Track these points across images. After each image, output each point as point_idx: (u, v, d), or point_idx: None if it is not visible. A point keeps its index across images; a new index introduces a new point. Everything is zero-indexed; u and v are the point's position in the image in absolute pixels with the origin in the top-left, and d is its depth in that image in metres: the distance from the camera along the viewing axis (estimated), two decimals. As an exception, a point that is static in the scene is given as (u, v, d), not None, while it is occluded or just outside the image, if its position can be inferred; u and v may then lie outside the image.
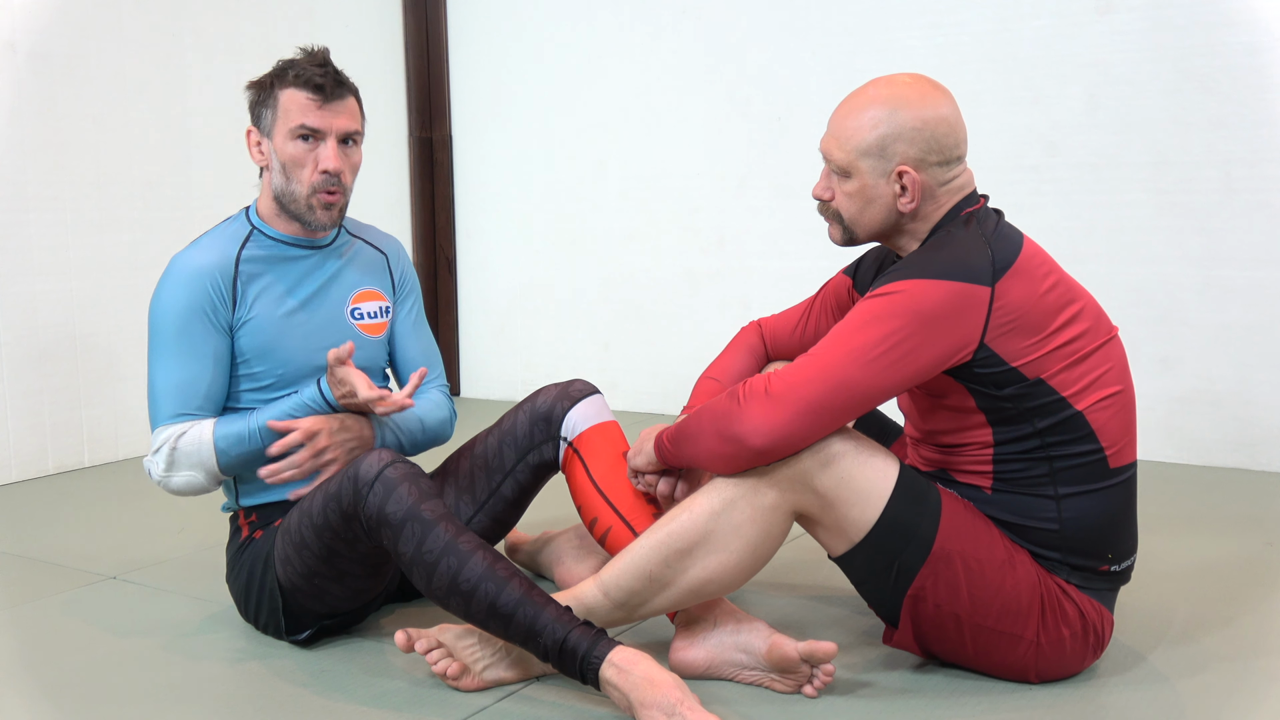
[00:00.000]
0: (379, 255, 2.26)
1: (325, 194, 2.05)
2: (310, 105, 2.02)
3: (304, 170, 2.04)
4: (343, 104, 2.05)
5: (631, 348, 4.35)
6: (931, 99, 1.79)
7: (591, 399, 2.15)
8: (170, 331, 2.02)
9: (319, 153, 2.04)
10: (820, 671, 1.81)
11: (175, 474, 2.02)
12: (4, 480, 3.36)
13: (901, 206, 1.81)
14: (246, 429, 2.01)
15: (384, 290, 2.24)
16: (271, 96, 2.04)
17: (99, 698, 1.88)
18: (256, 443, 2.01)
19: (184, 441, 2.00)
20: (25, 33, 3.34)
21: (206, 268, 2.04)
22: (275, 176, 2.06)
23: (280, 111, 2.03)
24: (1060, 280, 1.79)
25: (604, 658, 1.70)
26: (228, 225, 2.12)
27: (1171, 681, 1.86)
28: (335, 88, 2.03)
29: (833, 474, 1.74)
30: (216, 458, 2.01)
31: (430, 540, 1.77)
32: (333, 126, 2.04)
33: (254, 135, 2.09)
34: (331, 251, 2.17)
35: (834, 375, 1.69)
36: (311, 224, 2.08)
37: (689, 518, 1.78)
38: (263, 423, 2.01)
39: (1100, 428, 1.77)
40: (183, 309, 2.02)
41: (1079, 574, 1.81)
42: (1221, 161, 3.23)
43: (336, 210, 2.08)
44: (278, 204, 2.09)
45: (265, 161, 2.08)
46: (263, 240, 2.10)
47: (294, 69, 2.03)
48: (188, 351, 2.02)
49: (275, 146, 2.04)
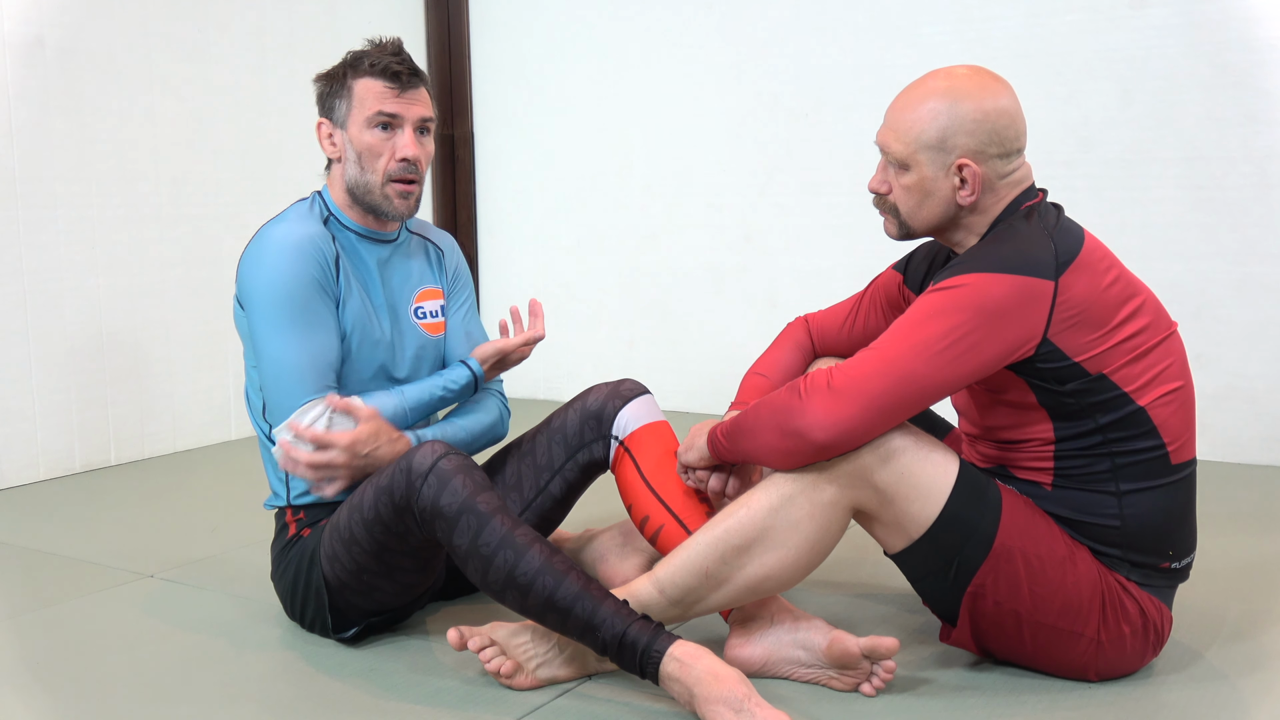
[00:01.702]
0: (435, 249, 2.25)
1: (402, 183, 2.03)
2: (388, 93, 2.01)
3: (380, 159, 2.02)
4: (418, 93, 2.04)
5: (656, 346, 4.33)
6: (991, 90, 1.78)
7: (643, 398, 2.14)
8: (292, 304, 1.95)
9: (395, 141, 2.02)
10: (880, 668, 1.79)
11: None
12: (32, 479, 3.34)
13: (961, 200, 1.79)
14: (399, 406, 2.04)
15: (440, 285, 2.23)
16: (345, 87, 2.03)
17: (146, 696, 1.86)
18: (404, 420, 2.04)
19: (338, 419, 1.94)
20: (54, 28, 3.32)
21: (311, 238, 2.00)
22: (349, 167, 2.05)
23: (356, 101, 2.02)
24: (1121, 275, 1.77)
25: (665, 651, 1.68)
26: (306, 205, 2.10)
27: (1231, 679, 1.85)
28: (411, 76, 2.03)
29: (893, 469, 1.72)
30: None
31: (486, 533, 1.76)
32: (409, 114, 2.03)
33: (325, 127, 2.07)
34: (398, 247, 2.16)
35: (897, 369, 1.67)
36: (388, 214, 2.06)
37: (747, 514, 1.76)
38: (411, 400, 2.06)
39: (1162, 423, 1.75)
40: (301, 279, 1.96)
41: (1139, 571, 1.79)
42: (1257, 157, 3.21)
43: (413, 200, 2.06)
44: (350, 195, 2.07)
45: (338, 153, 2.06)
46: (339, 227, 2.09)
47: (369, 58, 2.02)
48: (315, 323, 1.97)
49: (350, 136, 2.03)
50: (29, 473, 3.34)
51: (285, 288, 1.96)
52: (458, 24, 4.57)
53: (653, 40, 4.19)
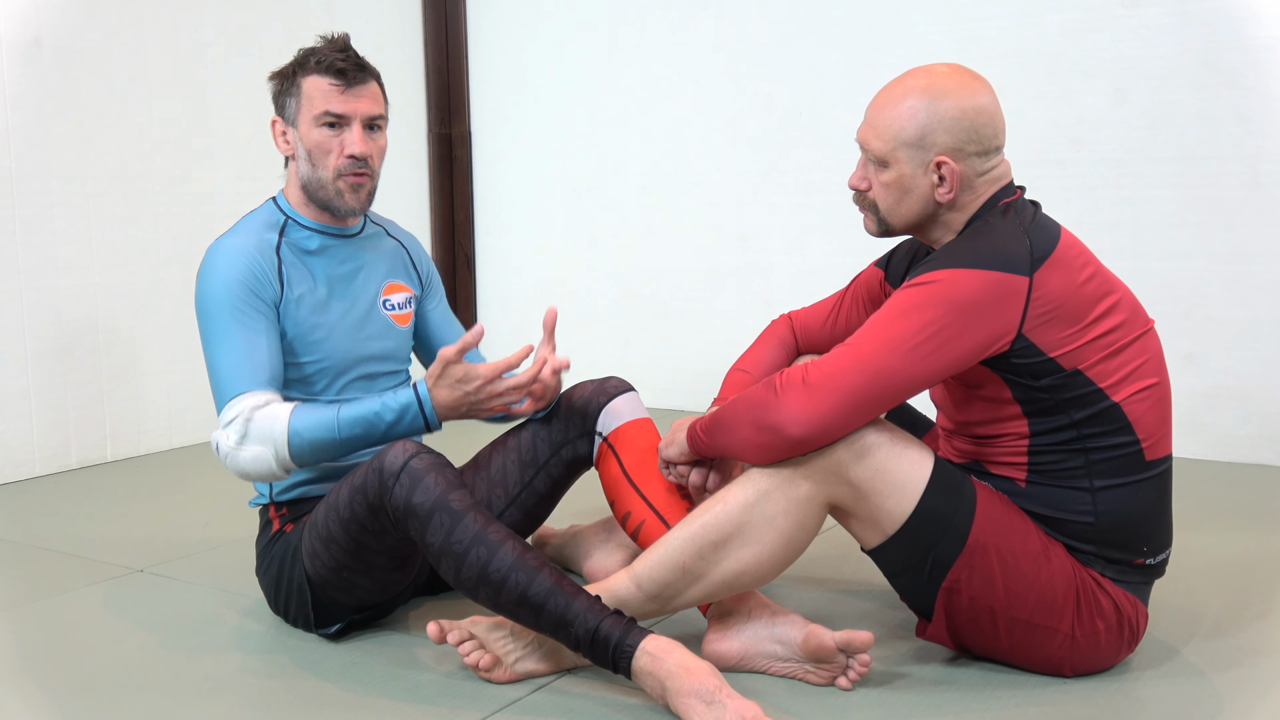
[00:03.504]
0: (401, 248, 2.26)
1: (352, 176, 2.04)
2: (333, 91, 2.02)
3: (330, 156, 2.04)
4: (365, 88, 2.05)
5: (651, 345, 4.34)
6: (970, 88, 1.79)
7: (627, 395, 2.15)
8: (223, 310, 1.98)
9: (344, 138, 2.03)
10: (856, 662, 1.80)
11: (246, 447, 1.92)
12: (28, 475, 3.36)
13: (939, 197, 1.80)
14: (328, 415, 1.92)
15: (409, 282, 2.25)
16: (294, 85, 2.05)
17: (130, 690, 1.88)
18: (334, 432, 1.92)
19: (260, 415, 1.93)
20: (51, 29, 3.35)
21: (251, 250, 2.02)
22: (302, 165, 2.06)
23: (304, 99, 2.03)
24: (1098, 271, 1.78)
25: (637, 646, 1.70)
26: (261, 213, 2.12)
27: (1207, 676, 1.85)
28: (357, 72, 2.03)
29: (867, 465, 1.73)
30: (289, 438, 1.91)
31: (459, 530, 1.77)
32: (356, 111, 2.03)
33: (279, 125, 2.09)
34: (360, 242, 2.17)
35: (872, 364, 1.68)
36: (340, 209, 2.07)
37: (723, 509, 1.78)
38: (346, 414, 1.92)
39: (1137, 420, 1.76)
40: (232, 286, 1.99)
41: (1114, 567, 1.80)
42: (1249, 157, 3.21)
43: (365, 193, 2.07)
44: (305, 193, 2.09)
45: (291, 151, 2.08)
46: (297, 228, 2.10)
47: (315, 55, 2.03)
48: (245, 325, 1.98)
49: (301, 134, 2.05)
50: (25, 468, 3.36)
51: (216, 295, 1.99)
52: (455, 23, 4.59)
53: (649, 40, 4.21)
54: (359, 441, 1.94)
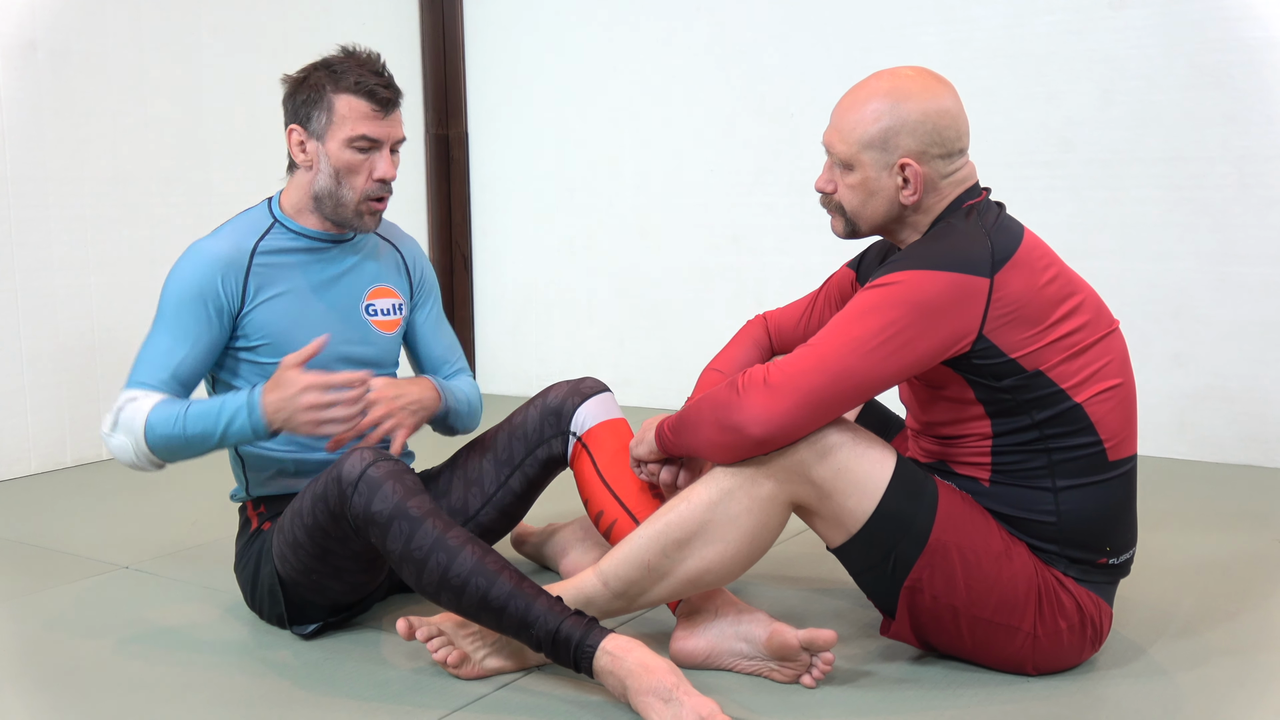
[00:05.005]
0: (396, 254, 2.27)
1: (375, 202, 2.07)
2: (372, 116, 2.02)
3: (358, 178, 2.05)
4: (398, 113, 2.07)
5: (645, 344, 4.36)
6: (934, 91, 1.80)
7: (601, 396, 2.17)
8: (169, 308, 2.03)
9: (373, 161, 2.05)
10: (820, 660, 1.81)
11: (115, 436, 1.96)
12: (24, 472, 3.40)
13: (903, 199, 1.81)
14: (176, 411, 1.93)
15: (399, 289, 2.25)
16: (325, 99, 2.02)
17: (102, 686, 1.90)
18: (180, 428, 1.92)
19: (130, 406, 1.96)
20: (46, 31, 3.38)
21: (220, 257, 2.04)
22: (321, 179, 2.06)
23: (337, 118, 2.02)
24: (1061, 273, 1.78)
25: (597, 646, 1.71)
26: (248, 215, 2.13)
27: (1171, 675, 1.86)
28: (395, 99, 2.05)
29: (829, 465, 1.75)
30: (145, 431, 1.92)
31: (418, 537, 1.78)
32: (390, 136, 2.05)
33: (298, 134, 2.06)
34: (350, 246, 2.18)
35: (832, 365, 1.69)
36: (358, 230, 2.11)
37: (687, 508, 1.79)
38: (192, 411, 1.93)
39: (1099, 420, 1.77)
40: (186, 290, 2.03)
41: (1077, 566, 1.81)
42: (1236, 157, 3.21)
43: (379, 216, 2.11)
44: (315, 202, 2.09)
45: (309, 162, 2.06)
46: (283, 233, 2.11)
47: (353, 75, 2.01)
48: (177, 329, 2.02)
49: (328, 151, 2.03)
50: (20, 466, 3.40)
51: (171, 293, 2.03)
52: (452, 25, 4.62)
53: (643, 41, 4.23)
54: (204, 439, 1.93)
